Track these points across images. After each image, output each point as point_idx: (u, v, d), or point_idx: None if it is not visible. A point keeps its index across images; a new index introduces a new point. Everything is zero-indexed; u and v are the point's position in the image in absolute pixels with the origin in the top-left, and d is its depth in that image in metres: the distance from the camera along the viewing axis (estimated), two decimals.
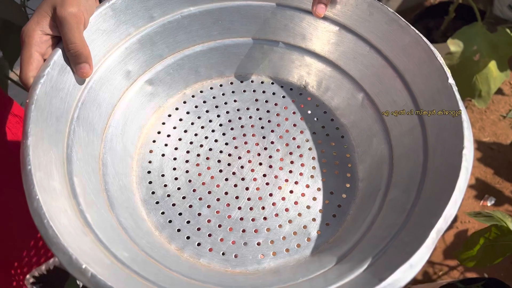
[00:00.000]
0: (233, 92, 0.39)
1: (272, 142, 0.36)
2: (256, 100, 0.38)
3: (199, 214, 0.32)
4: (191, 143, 0.36)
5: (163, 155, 0.35)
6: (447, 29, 1.01)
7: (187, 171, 0.34)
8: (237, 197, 0.33)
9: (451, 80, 0.28)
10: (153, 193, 0.33)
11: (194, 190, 0.33)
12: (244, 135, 0.36)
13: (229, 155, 0.35)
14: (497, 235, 0.47)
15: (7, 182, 0.32)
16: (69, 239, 0.23)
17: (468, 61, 0.78)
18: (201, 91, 0.39)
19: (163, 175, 0.34)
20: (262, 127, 0.37)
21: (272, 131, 0.37)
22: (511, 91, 1.06)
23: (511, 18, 1.14)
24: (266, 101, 0.38)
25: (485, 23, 1.13)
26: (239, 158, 0.35)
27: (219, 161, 0.35)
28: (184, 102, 0.38)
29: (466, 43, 0.77)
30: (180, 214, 0.32)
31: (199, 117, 0.37)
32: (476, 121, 1.02)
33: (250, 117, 0.37)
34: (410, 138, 0.31)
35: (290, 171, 0.34)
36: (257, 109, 0.38)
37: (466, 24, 0.81)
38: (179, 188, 0.33)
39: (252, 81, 0.39)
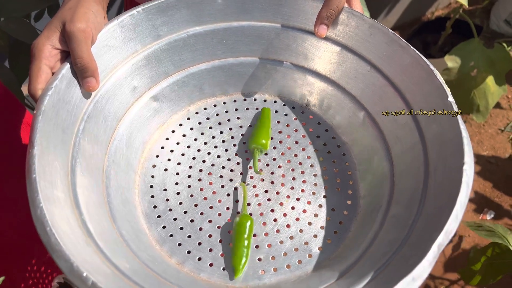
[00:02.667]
0: (236, 109, 0.39)
1: (274, 159, 0.36)
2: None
3: (200, 229, 0.32)
4: (193, 158, 0.36)
5: (165, 169, 0.35)
6: (445, 44, 1.03)
7: (189, 186, 0.34)
8: (238, 213, 0.33)
9: (450, 98, 0.29)
10: (155, 207, 0.33)
11: (195, 205, 0.33)
12: (246, 151, 0.37)
13: (231, 170, 0.36)
14: (497, 254, 0.47)
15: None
16: (71, 247, 0.23)
17: (465, 76, 0.79)
18: (205, 108, 0.39)
19: (165, 190, 0.34)
20: None
21: (274, 148, 0.37)
22: (509, 105, 1.07)
23: (507, 32, 1.16)
24: None
25: (482, 37, 1.15)
26: (241, 174, 0.35)
27: (221, 176, 0.35)
28: (188, 119, 0.39)
29: (463, 59, 0.78)
30: (181, 228, 0.32)
31: (202, 133, 0.38)
32: (475, 135, 1.02)
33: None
34: (411, 155, 0.31)
35: (292, 188, 0.35)
36: None
37: (464, 39, 0.83)
38: (180, 203, 0.34)
39: (255, 99, 0.40)
